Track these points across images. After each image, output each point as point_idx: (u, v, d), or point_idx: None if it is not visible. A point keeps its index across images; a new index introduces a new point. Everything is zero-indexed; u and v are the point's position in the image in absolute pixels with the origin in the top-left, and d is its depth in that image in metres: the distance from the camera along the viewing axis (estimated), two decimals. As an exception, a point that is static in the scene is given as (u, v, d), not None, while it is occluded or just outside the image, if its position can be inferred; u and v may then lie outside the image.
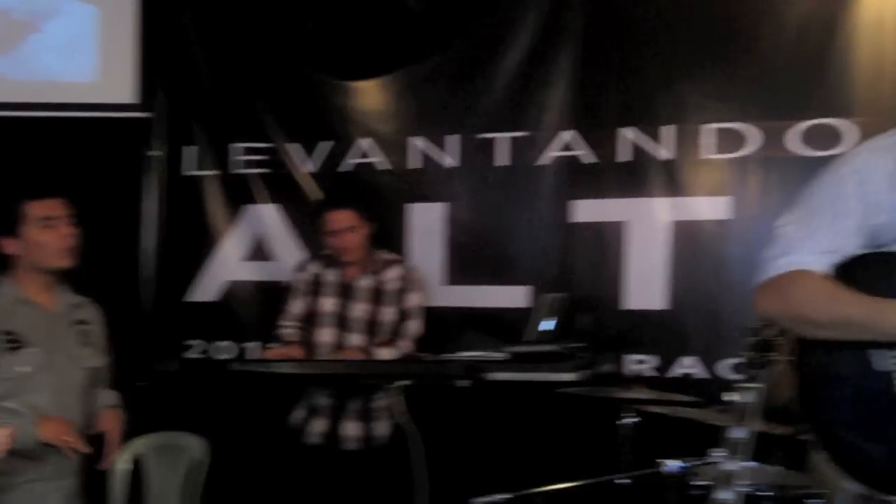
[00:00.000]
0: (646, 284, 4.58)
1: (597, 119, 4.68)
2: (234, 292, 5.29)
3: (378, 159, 5.07)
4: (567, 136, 4.73)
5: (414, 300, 4.49)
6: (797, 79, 4.34)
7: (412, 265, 4.62)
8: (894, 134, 2.14)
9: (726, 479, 2.33)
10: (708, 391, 4.17)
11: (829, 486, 3.41)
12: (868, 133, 4.12)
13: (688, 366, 4.51)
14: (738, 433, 2.30)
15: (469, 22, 4.91)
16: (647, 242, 4.58)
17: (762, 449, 3.45)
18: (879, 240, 2.03)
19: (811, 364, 2.07)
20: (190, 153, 5.38)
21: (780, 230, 2.14)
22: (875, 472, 1.96)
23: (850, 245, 2.04)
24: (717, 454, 2.40)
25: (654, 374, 4.55)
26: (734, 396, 2.40)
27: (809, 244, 2.06)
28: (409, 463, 3.76)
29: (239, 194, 5.28)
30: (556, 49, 4.74)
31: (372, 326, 4.44)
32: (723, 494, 2.29)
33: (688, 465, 3.32)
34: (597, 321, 4.56)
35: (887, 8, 4.20)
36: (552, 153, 4.76)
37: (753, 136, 4.42)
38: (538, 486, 3.71)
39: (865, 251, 2.04)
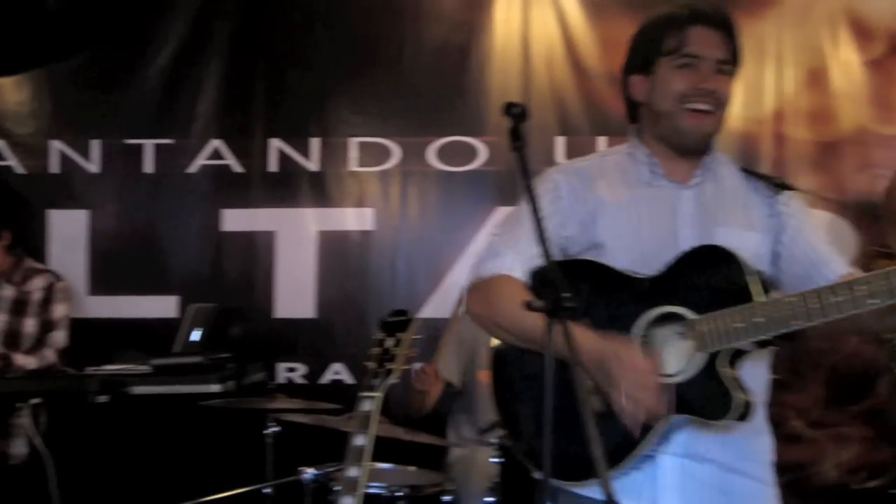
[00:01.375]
0: (295, 293, 4.66)
1: (246, 129, 4.70)
2: None
3: (14, 162, 4.78)
4: (216, 144, 4.71)
5: (59, 311, 4.30)
6: (435, 99, 4.62)
7: (59, 275, 4.41)
8: (589, 158, 2.35)
9: (350, 486, 2.41)
10: (356, 397, 4.28)
11: (460, 483, 3.65)
12: (497, 151, 4.49)
13: (337, 372, 4.62)
14: (359, 440, 2.39)
15: (113, 23, 4.75)
16: (296, 252, 4.66)
17: (399, 451, 3.63)
18: (569, 251, 2.19)
19: (505, 366, 2.21)
20: None
21: (491, 237, 2.27)
22: (554, 463, 2.09)
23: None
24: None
25: (305, 381, 4.63)
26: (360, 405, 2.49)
27: (513, 250, 2.18)
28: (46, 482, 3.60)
29: None
30: (205, 57, 4.71)
31: (13, 338, 4.22)
32: (345, 500, 2.36)
33: (322, 472, 3.40)
34: (248, 331, 4.57)
35: (512, 38, 4.56)
36: (201, 161, 4.72)
37: (395, 151, 4.64)
38: (184, 500, 3.66)
39: (565, 258, 2.18)
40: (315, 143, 4.66)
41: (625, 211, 2.16)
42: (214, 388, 3.99)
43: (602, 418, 1.82)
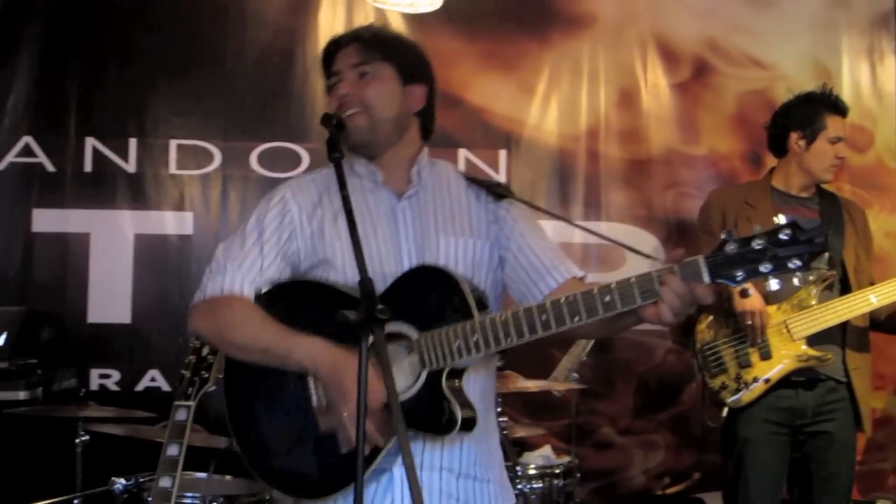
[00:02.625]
0: (110, 297, 4.52)
1: (60, 127, 4.53)
2: None
3: None
4: (27, 141, 4.53)
5: None
6: (259, 103, 4.59)
7: None
8: (319, 171, 2.33)
9: (162, 496, 2.37)
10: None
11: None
12: (320, 158, 4.44)
13: (153, 379, 4.52)
14: (172, 450, 2.36)
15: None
16: (111, 255, 4.52)
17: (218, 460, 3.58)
18: (299, 266, 2.21)
19: (240, 383, 2.19)
20: None
21: (217, 252, 2.25)
22: (292, 481, 2.11)
23: (275, 269, 2.20)
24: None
25: (119, 388, 4.50)
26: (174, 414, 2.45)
27: (240, 266, 2.19)
28: None
29: None
30: (16, 50, 4.52)
31: None
32: (156, 511, 2.32)
33: (134, 482, 3.32)
34: (59, 335, 4.41)
35: (338, 45, 4.58)
36: (10, 159, 4.52)
37: (216, 155, 4.58)
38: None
39: (292, 277, 2.21)
40: (133, 144, 4.55)
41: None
42: (21, 395, 3.85)
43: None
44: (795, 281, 3.57)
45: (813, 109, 3.73)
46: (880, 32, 4.82)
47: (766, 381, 3.57)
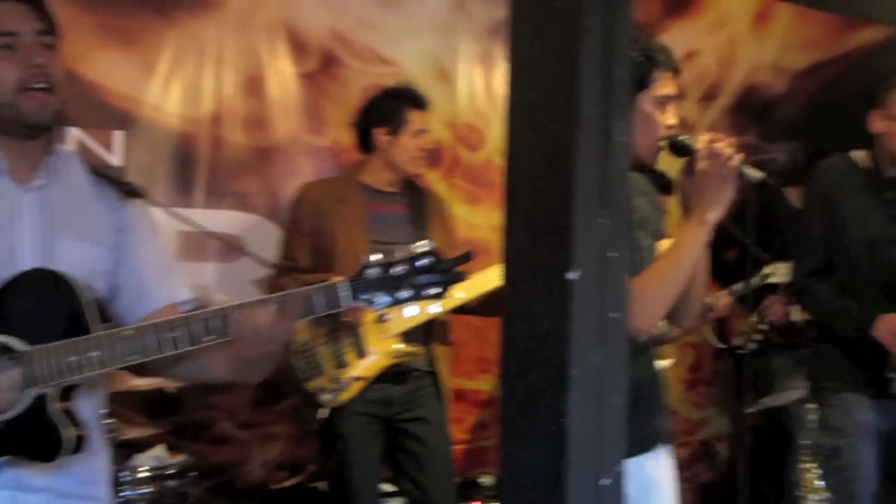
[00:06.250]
0: None
1: None
2: None
3: None
4: None
5: None
6: None
7: None
8: None
9: None
10: None
11: None
12: None
13: None
14: None
15: None
16: None
17: None
18: None
19: None
20: None
21: None
22: None
23: None
24: None
25: None
26: None
27: None
28: None
29: None
30: None
31: None
32: None
33: None
34: None
35: None
36: None
37: None
38: None
39: None
40: None
41: None
42: None
43: None
44: None
45: (395, 105, 3.85)
46: (494, 40, 5.07)
47: (361, 378, 3.66)
